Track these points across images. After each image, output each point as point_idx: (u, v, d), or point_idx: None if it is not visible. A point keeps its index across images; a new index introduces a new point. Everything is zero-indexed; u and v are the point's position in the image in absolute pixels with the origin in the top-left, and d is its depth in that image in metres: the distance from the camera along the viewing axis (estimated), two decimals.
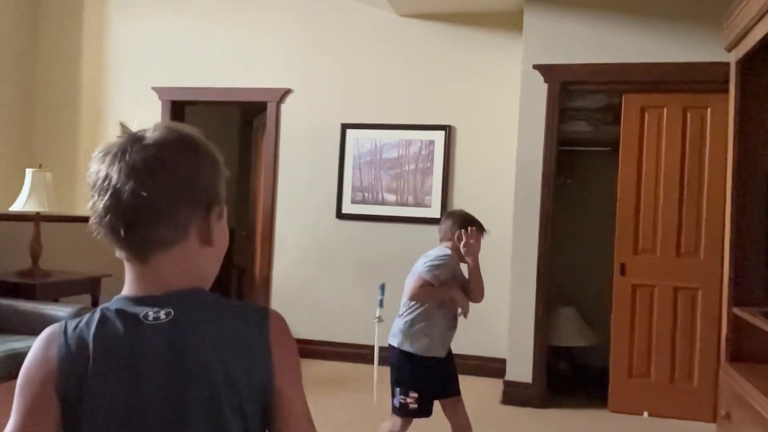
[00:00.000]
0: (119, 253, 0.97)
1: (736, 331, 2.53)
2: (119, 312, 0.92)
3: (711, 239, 4.09)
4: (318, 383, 4.60)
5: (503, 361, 4.53)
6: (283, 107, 5.49)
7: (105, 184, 0.92)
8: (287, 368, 0.95)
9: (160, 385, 0.87)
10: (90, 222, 0.99)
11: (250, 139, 7.25)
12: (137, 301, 0.93)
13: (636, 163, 4.27)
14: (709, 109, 4.17)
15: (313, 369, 4.95)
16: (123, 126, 5.36)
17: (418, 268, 2.80)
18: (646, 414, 4.14)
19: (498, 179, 5.02)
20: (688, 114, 4.22)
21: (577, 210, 5.03)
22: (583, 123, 4.89)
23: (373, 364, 5.21)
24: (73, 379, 0.87)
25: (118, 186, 0.89)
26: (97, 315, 0.93)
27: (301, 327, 4.87)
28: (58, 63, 5.90)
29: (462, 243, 2.87)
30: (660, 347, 4.18)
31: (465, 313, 2.81)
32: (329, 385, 4.58)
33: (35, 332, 3.62)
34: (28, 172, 4.29)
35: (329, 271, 5.34)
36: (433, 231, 5.30)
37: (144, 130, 0.94)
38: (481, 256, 5.47)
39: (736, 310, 2.47)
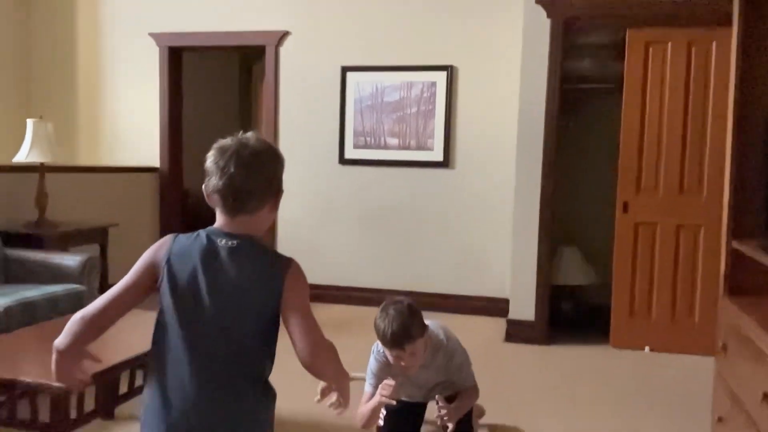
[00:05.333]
0: (219, 209, 1.47)
1: (735, 266, 2.55)
2: (208, 234, 1.47)
3: (714, 176, 4.07)
4: (323, 327, 4.68)
5: (506, 301, 4.60)
6: (282, 51, 5.42)
7: (225, 170, 1.41)
8: (294, 291, 1.46)
9: (209, 279, 1.40)
10: (205, 190, 1.48)
11: (250, 88, 7.19)
12: (220, 233, 1.46)
13: (640, 100, 4.22)
14: (714, 43, 4.09)
15: (318, 313, 5.03)
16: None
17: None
18: (647, 349, 4.23)
19: (501, 120, 4.98)
20: (693, 49, 4.15)
21: (581, 150, 5.00)
22: (587, 60, 4.80)
23: (378, 306, 5.29)
24: (165, 261, 1.43)
25: (233, 174, 1.41)
26: (195, 233, 1.48)
27: (307, 272, 4.92)
28: (54, 11, 5.82)
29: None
30: (661, 284, 4.23)
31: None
32: (334, 328, 4.67)
33: (46, 281, 3.71)
34: (29, 122, 4.28)
35: (333, 217, 5.38)
36: (436, 175, 5.34)
37: (247, 138, 1.47)
38: (484, 198, 5.40)
39: (734, 244, 2.48)
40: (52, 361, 1.45)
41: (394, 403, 2.38)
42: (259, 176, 1.44)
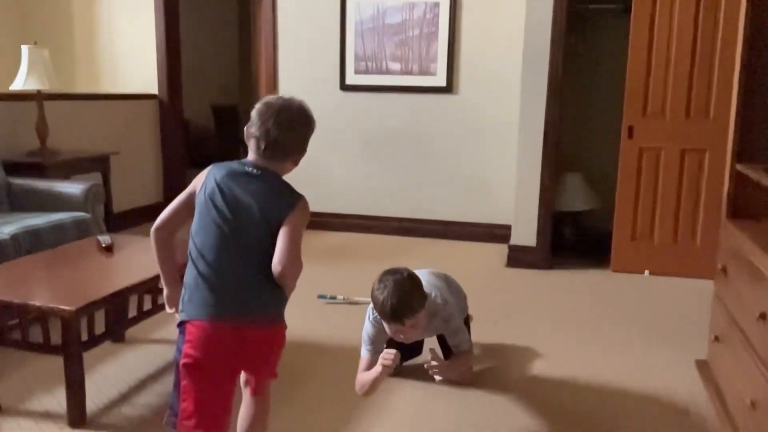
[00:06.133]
0: (252, 150, 1.75)
1: (739, 188, 2.54)
2: (240, 162, 1.77)
3: (722, 100, 4.01)
4: (326, 253, 4.74)
5: (508, 228, 4.63)
6: None
7: (264, 123, 1.71)
8: (295, 217, 1.71)
9: (235, 191, 1.71)
10: (246, 131, 1.76)
11: (248, 13, 6.99)
12: (249, 164, 1.76)
13: (648, 21, 4.10)
14: None
15: (320, 240, 5.09)
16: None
17: None
18: (647, 273, 4.28)
19: (506, 43, 4.86)
20: None
21: (587, 74, 4.90)
22: None
23: (380, 234, 5.34)
24: (204, 183, 1.74)
25: (270, 129, 1.71)
26: (230, 162, 1.77)
27: (309, 200, 4.95)
28: None
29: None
30: (664, 209, 4.24)
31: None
32: (337, 255, 4.73)
33: (50, 209, 3.74)
34: (24, 49, 4.20)
35: (334, 144, 5.34)
36: (440, 100, 5.27)
37: (290, 102, 1.78)
38: (488, 123, 5.34)
39: (739, 167, 2.47)
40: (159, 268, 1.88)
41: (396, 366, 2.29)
42: (290, 136, 1.74)
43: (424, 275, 2.48)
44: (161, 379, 2.67)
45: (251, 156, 1.76)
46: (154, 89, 5.67)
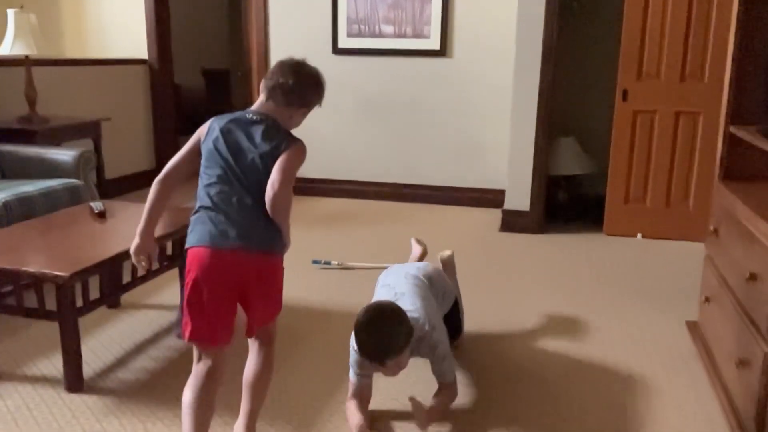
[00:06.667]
0: (264, 97, 1.88)
1: (732, 150, 2.54)
2: (241, 112, 1.90)
3: (717, 62, 3.99)
4: (319, 219, 4.74)
5: (502, 192, 4.63)
6: None
7: (283, 77, 1.86)
8: (290, 154, 1.81)
9: (236, 135, 1.83)
10: (263, 83, 1.88)
11: None
12: (250, 111, 1.89)
13: None
14: None
15: (314, 206, 5.08)
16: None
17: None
18: (639, 236, 4.31)
19: (501, 5, 4.80)
20: None
21: (582, 38, 4.85)
22: None
23: (374, 199, 5.34)
24: (207, 131, 1.87)
25: (288, 84, 1.85)
26: (231, 113, 1.91)
27: (302, 166, 4.93)
28: None
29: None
30: (658, 172, 4.24)
31: None
32: (330, 221, 4.73)
33: (41, 176, 3.71)
34: (10, 13, 4.11)
35: (326, 109, 5.26)
36: (433, 64, 5.21)
37: (303, 64, 1.92)
38: (482, 87, 5.31)
39: (732, 129, 2.46)
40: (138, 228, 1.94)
41: None
42: (298, 89, 1.87)
43: (408, 290, 2.28)
44: (157, 343, 2.69)
45: (256, 105, 1.90)
46: (143, 54, 5.59)
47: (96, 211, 2.85)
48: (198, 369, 1.75)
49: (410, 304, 2.19)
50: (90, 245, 2.51)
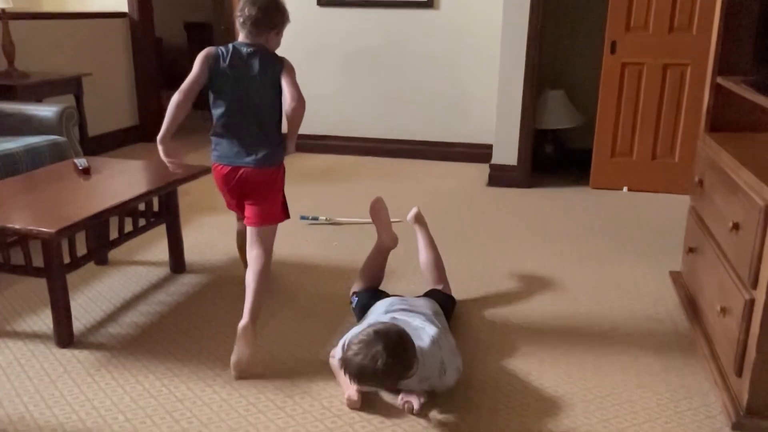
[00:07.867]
0: (243, 33, 2.29)
1: (718, 102, 2.54)
2: (235, 45, 2.30)
3: (706, 13, 3.95)
4: (307, 175, 4.73)
5: (490, 147, 4.62)
6: None
7: (249, 10, 2.26)
8: (287, 72, 2.28)
9: (240, 68, 2.27)
10: (236, 21, 2.29)
11: None
12: (242, 45, 2.30)
13: None
14: None
15: (301, 162, 5.06)
16: None
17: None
18: (625, 189, 4.33)
19: None
20: None
21: None
22: None
23: (361, 155, 5.32)
24: (214, 63, 2.27)
25: (253, 15, 2.26)
26: (227, 45, 2.30)
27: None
28: None
29: None
30: (644, 125, 4.25)
31: None
32: (318, 177, 4.71)
33: (23, 133, 3.65)
34: None
35: (312, 63, 5.22)
36: (421, 15, 5.13)
37: None
38: (470, 40, 5.23)
39: (719, 80, 2.46)
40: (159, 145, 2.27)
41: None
42: (263, 16, 2.28)
43: (426, 333, 2.02)
44: (146, 299, 2.70)
45: (241, 38, 2.31)
46: (123, 7, 5.46)
47: (80, 168, 2.82)
48: (239, 224, 2.66)
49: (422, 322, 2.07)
50: (76, 202, 2.49)
